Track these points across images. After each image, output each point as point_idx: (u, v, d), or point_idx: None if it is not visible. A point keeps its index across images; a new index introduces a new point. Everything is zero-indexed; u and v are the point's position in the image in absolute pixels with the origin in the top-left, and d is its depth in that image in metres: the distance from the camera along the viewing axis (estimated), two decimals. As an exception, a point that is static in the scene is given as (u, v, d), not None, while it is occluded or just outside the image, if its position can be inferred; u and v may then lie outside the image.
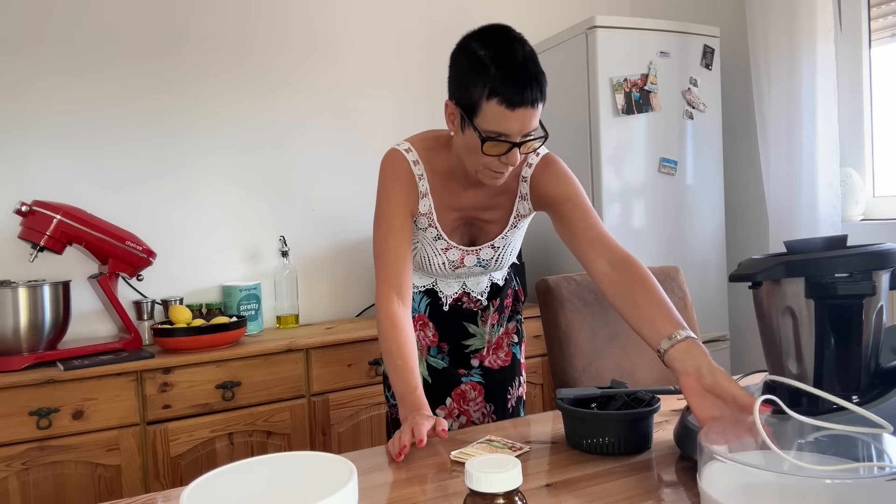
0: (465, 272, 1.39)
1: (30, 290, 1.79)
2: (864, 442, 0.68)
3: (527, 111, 1.07)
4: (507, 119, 1.07)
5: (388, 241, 1.24)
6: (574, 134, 2.38)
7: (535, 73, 1.08)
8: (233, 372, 1.90)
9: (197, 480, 0.56)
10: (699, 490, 0.64)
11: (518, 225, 1.36)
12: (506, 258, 1.40)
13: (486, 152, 1.11)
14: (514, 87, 1.06)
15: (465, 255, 1.35)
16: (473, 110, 1.10)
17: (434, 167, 1.29)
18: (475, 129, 1.11)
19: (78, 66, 2.13)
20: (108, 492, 1.76)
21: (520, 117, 1.07)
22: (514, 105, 1.06)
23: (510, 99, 1.06)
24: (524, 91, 1.06)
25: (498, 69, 1.07)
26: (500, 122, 1.08)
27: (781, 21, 2.15)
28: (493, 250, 1.36)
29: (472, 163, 1.17)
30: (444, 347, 1.46)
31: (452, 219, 1.33)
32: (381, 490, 0.88)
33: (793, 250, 0.90)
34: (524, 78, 1.06)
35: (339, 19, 2.51)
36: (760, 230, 2.56)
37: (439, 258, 1.35)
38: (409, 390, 1.13)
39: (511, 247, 1.39)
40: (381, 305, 1.22)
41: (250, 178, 2.37)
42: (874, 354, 0.87)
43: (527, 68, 1.08)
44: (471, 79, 1.10)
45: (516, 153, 1.11)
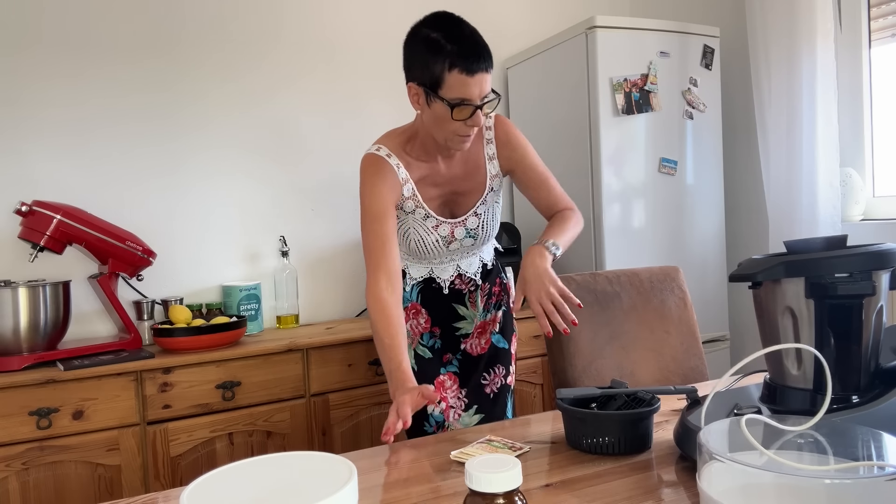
0: (457, 247, 1.50)
1: (30, 290, 1.79)
2: (864, 442, 0.68)
3: (482, 76, 1.25)
4: (468, 85, 1.24)
5: (374, 229, 1.36)
6: (574, 134, 2.38)
7: (483, 44, 1.27)
8: (233, 372, 1.90)
9: (197, 480, 0.56)
10: (699, 490, 0.64)
11: (493, 187, 1.49)
12: (490, 226, 1.52)
13: (456, 118, 1.27)
14: (469, 57, 1.23)
15: (455, 227, 1.48)
16: (437, 84, 1.26)
17: (409, 154, 1.43)
18: (441, 99, 1.26)
19: (77, 67, 2.13)
20: (108, 492, 1.76)
21: (478, 82, 1.25)
22: (472, 72, 1.23)
23: (468, 67, 1.23)
24: (478, 59, 1.24)
25: (453, 45, 1.23)
26: (461, 89, 1.24)
27: (781, 21, 2.15)
28: (477, 217, 1.49)
29: (441, 133, 1.32)
30: (437, 332, 1.58)
31: (434, 197, 1.46)
32: (381, 490, 0.88)
33: (793, 250, 0.90)
34: (476, 49, 1.24)
35: (339, 17, 2.51)
36: (760, 230, 2.56)
37: (432, 236, 1.47)
38: (395, 366, 1.23)
39: (492, 213, 1.52)
40: (371, 289, 1.32)
41: (250, 177, 2.37)
42: (874, 354, 0.87)
43: (476, 41, 1.25)
44: (430, 58, 1.25)
45: (479, 115, 1.28)
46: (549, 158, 2.52)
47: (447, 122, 1.29)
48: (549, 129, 2.51)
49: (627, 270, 1.65)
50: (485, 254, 1.61)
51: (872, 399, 0.84)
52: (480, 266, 1.59)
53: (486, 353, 1.59)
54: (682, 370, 1.57)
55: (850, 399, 0.85)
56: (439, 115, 1.29)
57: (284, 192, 2.42)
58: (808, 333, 0.87)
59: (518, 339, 2.27)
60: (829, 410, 0.81)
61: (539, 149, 2.59)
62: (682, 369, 1.57)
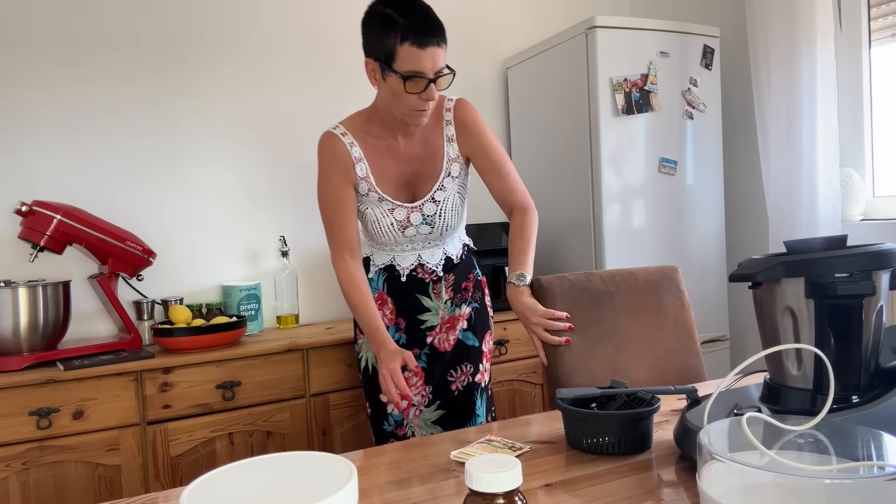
0: (414, 233, 1.49)
1: (30, 290, 1.79)
2: (864, 442, 0.68)
3: (435, 50, 1.28)
4: (420, 58, 1.28)
5: (334, 211, 1.48)
6: (574, 134, 2.38)
7: (436, 19, 1.30)
8: (233, 372, 1.90)
9: (197, 480, 0.56)
10: (699, 490, 0.64)
11: (452, 172, 1.48)
12: (449, 216, 1.50)
13: (409, 90, 1.31)
14: (420, 31, 1.26)
15: (411, 212, 1.48)
16: (391, 58, 1.30)
17: (367, 133, 1.47)
18: (395, 72, 1.30)
19: (77, 67, 2.13)
20: (108, 492, 1.76)
21: (430, 55, 1.28)
22: (423, 45, 1.27)
23: (420, 40, 1.26)
24: (429, 33, 1.27)
25: (405, 19, 1.27)
26: (414, 62, 1.28)
27: (781, 21, 2.15)
28: (434, 204, 1.48)
29: (397, 107, 1.36)
30: (402, 324, 1.57)
31: (393, 177, 1.48)
32: (381, 490, 0.88)
33: (793, 250, 0.90)
34: (428, 23, 1.28)
35: (338, 15, 2.51)
36: (760, 230, 2.56)
37: (387, 219, 1.48)
38: (373, 329, 1.43)
39: (452, 203, 1.50)
40: (337, 264, 1.49)
41: (250, 178, 2.37)
42: (874, 354, 0.87)
43: (428, 15, 1.29)
44: (384, 33, 1.29)
45: (433, 88, 1.31)
46: (549, 158, 2.53)
47: (402, 95, 1.33)
48: (550, 129, 2.51)
49: (623, 270, 1.65)
50: (450, 247, 1.59)
51: (872, 399, 0.84)
52: (443, 258, 1.57)
53: (451, 349, 1.58)
54: (677, 369, 1.58)
55: (850, 399, 0.85)
56: (394, 90, 1.33)
57: (285, 191, 2.42)
58: (808, 333, 0.87)
59: (512, 340, 2.28)
60: (830, 410, 0.81)
61: (539, 149, 2.59)
62: (677, 368, 1.58)
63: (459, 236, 1.62)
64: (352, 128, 1.48)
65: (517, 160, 2.75)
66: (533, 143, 2.63)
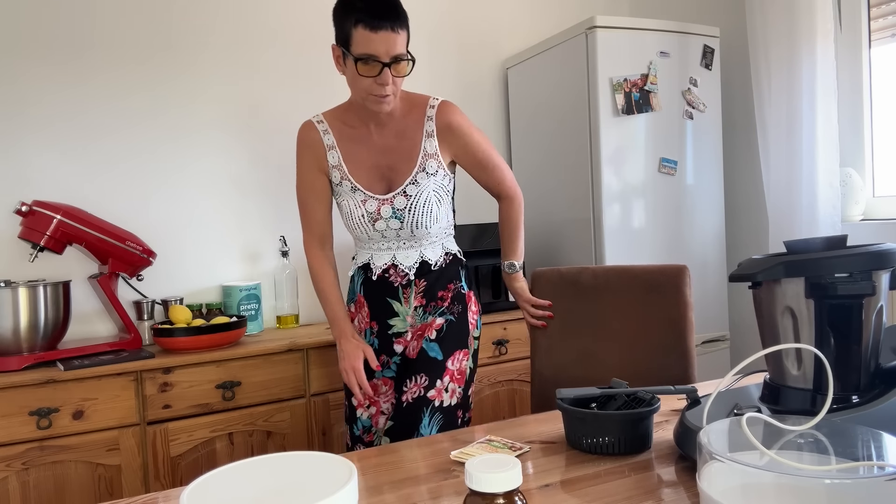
0: (384, 227, 1.47)
1: (30, 290, 1.79)
2: (864, 442, 0.68)
3: (389, 34, 1.29)
4: (373, 41, 1.29)
5: (305, 198, 1.53)
6: (574, 134, 2.38)
7: (392, 4, 1.31)
8: (233, 372, 1.90)
9: (197, 480, 0.56)
10: (699, 490, 0.64)
11: (427, 168, 1.46)
12: (421, 213, 1.47)
13: (361, 73, 1.32)
14: (374, 14, 1.28)
15: (382, 204, 1.47)
16: (347, 41, 1.32)
17: (343, 122, 1.50)
18: (351, 56, 1.32)
19: (77, 66, 2.13)
20: (108, 492, 1.76)
21: (383, 39, 1.29)
22: (375, 28, 1.28)
23: (372, 23, 1.28)
24: (384, 17, 1.28)
25: (361, 3, 1.29)
26: (367, 45, 1.29)
27: (781, 21, 2.15)
28: (405, 198, 1.46)
29: (357, 92, 1.38)
30: (375, 328, 1.55)
31: (366, 167, 1.48)
32: (381, 490, 0.88)
33: (793, 250, 0.90)
34: (383, 7, 1.29)
35: (339, 19, 2.51)
36: (760, 230, 2.56)
37: (359, 210, 1.48)
38: (332, 316, 1.52)
39: (425, 199, 1.47)
40: (307, 251, 1.57)
41: (250, 177, 2.37)
42: (874, 354, 0.87)
43: (386, 1, 1.30)
44: (343, 18, 1.32)
45: (387, 73, 1.32)
46: (550, 158, 2.53)
47: (358, 79, 1.34)
48: (549, 129, 2.51)
49: (619, 267, 1.67)
50: (428, 251, 1.53)
51: (872, 399, 0.84)
52: (418, 261, 1.52)
53: (414, 359, 1.51)
54: (658, 368, 1.57)
55: (850, 399, 0.85)
56: (352, 74, 1.35)
57: (285, 191, 2.42)
58: (808, 333, 0.87)
59: (512, 340, 2.27)
60: (829, 410, 0.81)
61: (539, 149, 2.59)
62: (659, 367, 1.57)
63: (443, 242, 1.56)
64: (329, 117, 1.51)
65: (517, 160, 2.75)
66: (533, 143, 2.63)
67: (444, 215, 1.52)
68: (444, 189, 1.51)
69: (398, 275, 1.52)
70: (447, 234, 1.57)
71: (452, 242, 1.59)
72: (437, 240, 1.54)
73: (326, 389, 2.02)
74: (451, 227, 1.58)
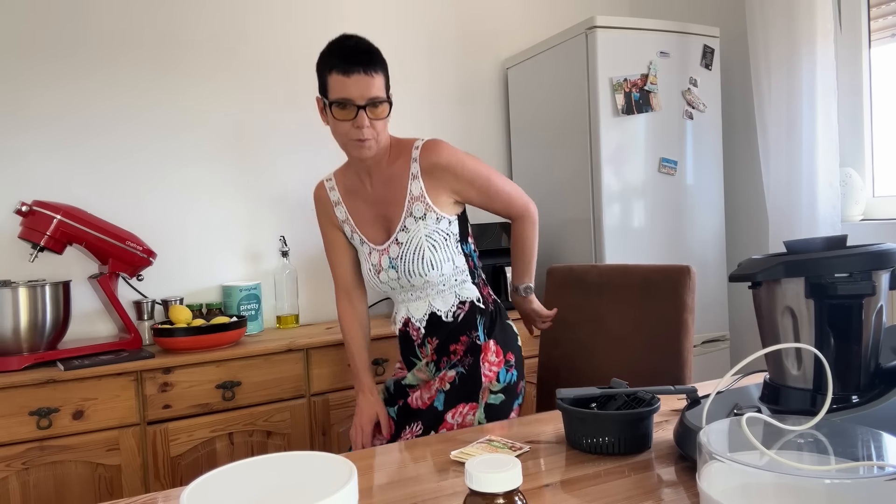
0: (387, 279, 1.46)
1: (30, 290, 1.79)
2: (864, 442, 0.68)
3: (362, 77, 1.29)
4: (346, 85, 1.29)
5: (329, 256, 1.58)
6: (574, 134, 2.38)
7: (366, 48, 1.32)
8: (233, 372, 1.90)
9: (197, 480, 0.56)
10: (699, 490, 0.64)
11: (414, 212, 1.41)
12: (412, 260, 1.41)
13: (336, 117, 1.33)
14: (346, 59, 1.30)
15: (381, 255, 1.46)
16: (325, 89, 1.34)
17: (345, 177, 1.52)
18: (328, 102, 1.33)
19: (77, 67, 2.13)
20: (108, 492, 1.76)
21: (356, 83, 1.29)
22: (348, 72, 1.29)
23: (344, 67, 1.29)
24: (356, 61, 1.29)
25: (333, 50, 1.32)
26: (341, 89, 1.30)
27: (781, 21, 2.15)
28: (398, 246, 1.43)
29: (339, 139, 1.38)
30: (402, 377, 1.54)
31: (369, 220, 1.48)
32: (381, 490, 0.88)
33: (793, 250, 0.90)
34: (354, 51, 1.31)
35: (336, 18, 2.51)
36: (760, 230, 2.56)
37: (367, 263, 1.49)
38: (355, 368, 1.55)
39: (417, 245, 1.41)
40: (337, 302, 1.60)
41: (251, 178, 2.37)
42: (874, 354, 0.87)
43: (357, 46, 1.32)
44: (321, 67, 1.34)
45: (363, 116, 1.31)
46: (550, 158, 2.53)
47: (337, 125, 1.34)
48: (549, 129, 2.51)
49: (621, 266, 1.68)
50: (437, 301, 1.45)
51: (872, 399, 0.84)
52: (427, 314, 1.45)
53: (424, 409, 1.44)
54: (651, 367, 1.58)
55: (850, 399, 0.85)
56: (332, 121, 1.35)
57: (285, 191, 2.42)
58: (808, 333, 0.87)
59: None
60: (829, 410, 0.81)
61: (539, 149, 2.59)
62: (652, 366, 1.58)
63: (455, 290, 1.45)
64: (337, 174, 1.54)
65: (517, 160, 2.75)
66: (533, 143, 2.63)
67: (445, 261, 1.42)
68: (441, 232, 1.42)
69: (413, 328, 1.48)
70: (458, 280, 1.46)
71: (469, 289, 1.47)
72: (445, 288, 1.45)
73: (326, 389, 2.02)
74: (462, 272, 1.46)
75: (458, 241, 1.46)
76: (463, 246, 1.47)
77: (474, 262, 1.51)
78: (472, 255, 1.50)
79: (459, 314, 1.45)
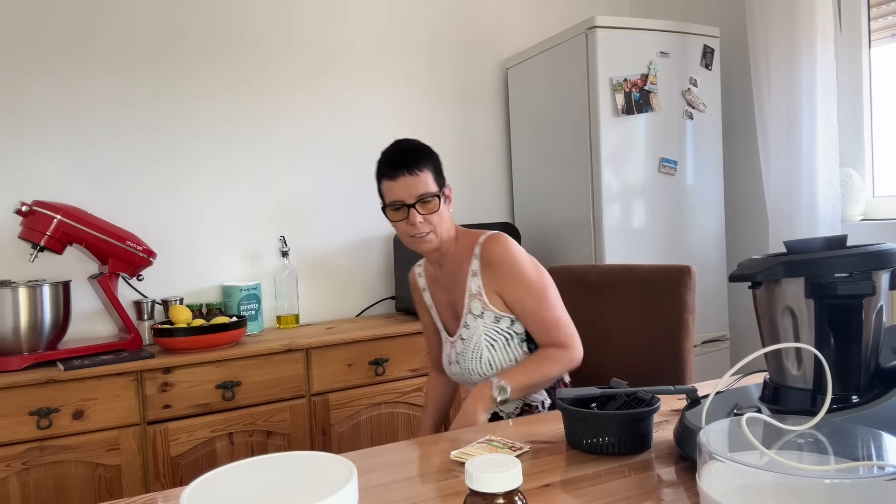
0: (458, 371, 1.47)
1: (30, 290, 1.79)
2: (864, 442, 0.68)
3: (408, 179, 1.36)
4: (394, 189, 1.37)
5: (424, 332, 1.65)
6: (574, 134, 2.38)
7: (411, 149, 1.39)
8: (233, 372, 1.90)
9: (197, 480, 0.56)
10: (699, 490, 0.64)
11: (473, 310, 1.41)
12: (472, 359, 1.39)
13: (392, 218, 1.40)
14: (390, 164, 1.38)
15: (452, 347, 1.48)
16: (381, 196, 1.43)
17: (427, 266, 1.57)
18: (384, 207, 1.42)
19: (77, 67, 2.13)
20: (108, 492, 1.76)
21: (403, 185, 1.36)
22: (394, 177, 1.37)
23: (390, 174, 1.38)
24: (398, 165, 1.37)
25: (382, 159, 1.41)
26: (390, 193, 1.38)
27: (781, 21, 2.15)
28: (462, 342, 1.44)
29: (402, 238, 1.43)
30: None
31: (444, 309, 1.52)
32: (381, 490, 0.88)
33: (793, 250, 0.90)
34: (398, 157, 1.38)
35: (339, 18, 2.51)
36: (760, 230, 2.56)
37: (444, 353, 1.53)
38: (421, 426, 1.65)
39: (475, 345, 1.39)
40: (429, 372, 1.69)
41: (251, 177, 2.37)
42: (874, 354, 0.87)
43: (403, 150, 1.39)
44: (377, 179, 1.43)
45: (415, 213, 1.37)
46: (550, 158, 2.52)
47: (396, 226, 1.41)
48: (549, 130, 2.51)
49: (623, 266, 1.68)
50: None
51: (872, 399, 0.84)
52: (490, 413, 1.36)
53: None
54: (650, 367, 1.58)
55: (850, 399, 0.85)
56: (392, 223, 1.42)
57: (285, 191, 2.42)
58: (808, 333, 0.87)
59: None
60: (829, 410, 0.81)
61: (539, 149, 2.59)
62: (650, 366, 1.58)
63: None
64: (425, 261, 1.59)
65: (517, 160, 2.75)
66: (533, 143, 2.63)
67: (507, 361, 1.39)
68: (500, 332, 1.39)
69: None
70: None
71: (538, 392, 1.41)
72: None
73: (326, 389, 2.02)
74: None
75: (524, 341, 1.41)
76: (531, 346, 1.42)
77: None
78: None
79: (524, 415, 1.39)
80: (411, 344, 2.15)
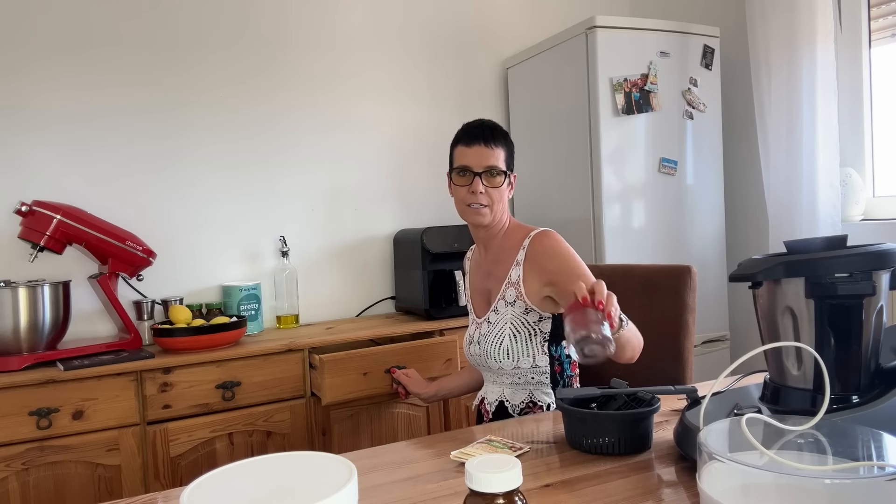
0: (477, 352, 1.48)
1: (30, 290, 1.79)
2: (864, 442, 0.68)
3: (482, 149, 1.42)
4: (466, 154, 1.44)
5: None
6: (574, 134, 2.37)
7: (490, 125, 1.46)
8: (233, 372, 1.90)
9: (197, 480, 0.56)
10: (699, 490, 0.64)
11: (506, 297, 1.42)
12: (491, 344, 1.41)
13: (455, 182, 1.45)
14: (469, 133, 1.45)
15: (477, 328, 1.50)
16: (451, 161, 1.49)
17: (474, 251, 1.62)
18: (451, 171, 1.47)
19: (78, 67, 2.13)
20: (108, 492, 1.76)
21: (476, 152, 1.42)
22: (470, 143, 1.44)
23: (467, 140, 1.44)
24: (478, 135, 1.43)
25: (461, 129, 1.48)
26: (461, 158, 1.45)
27: (781, 21, 2.15)
28: (487, 325, 1.46)
29: (459, 208, 1.48)
30: None
31: (477, 290, 1.54)
32: (381, 490, 0.88)
33: (793, 250, 0.90)
34: (478, 127, 1.45)
35: (339, 17, 2.51)
36: (760, 230, 2.56)
37: (467, 332, 1.55)
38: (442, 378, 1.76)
39: (499, 331, 1.41)
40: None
41: (250, 177, 2.37)
42: (874, 354, 0.87)
43: (482, 123, 1.47)
44: (452, 147, 1.50)
45: (478, 182, 1.41)
46: (549, 158, 2.52)
47: (456, 190, 1.46)
48: (549, 129, 2.51)
49: (624, 265, 1.68)
50: (509, 392, 1.43)
51: (872, 399, 0.84)
52: (497, 401, 1.44)
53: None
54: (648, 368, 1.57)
55: (850, 399, 0.85)
56: (453, 188, 1.48)
57: (285, 191, 2.42)
58: (808, 333, 0.87)
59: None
60: (829, 410, 0.81)
61: (539, 149, 2.59)
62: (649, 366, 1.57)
63: (531, 390, 1.41)
64: (475, 246, 1.62)
65: (517, 160, 2.74)
66: (533, 143, 2.63)
67: (525, 355, 1.39)
68: (525, 324, 1.40)
69: (485, 408, 1.49)
70: (535, 380, 1.41)
71: (546, 394, 1.42)
72: (520, 382, 1.42)
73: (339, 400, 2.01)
74: (542, 373, 1.40)
75: (547, 341, 1.41)
76: (552, 348, 1.41)
77: (563, 369, 1.42)
78: (563, 362, 1.42)
79: (528, 413, 1.41)
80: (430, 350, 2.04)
